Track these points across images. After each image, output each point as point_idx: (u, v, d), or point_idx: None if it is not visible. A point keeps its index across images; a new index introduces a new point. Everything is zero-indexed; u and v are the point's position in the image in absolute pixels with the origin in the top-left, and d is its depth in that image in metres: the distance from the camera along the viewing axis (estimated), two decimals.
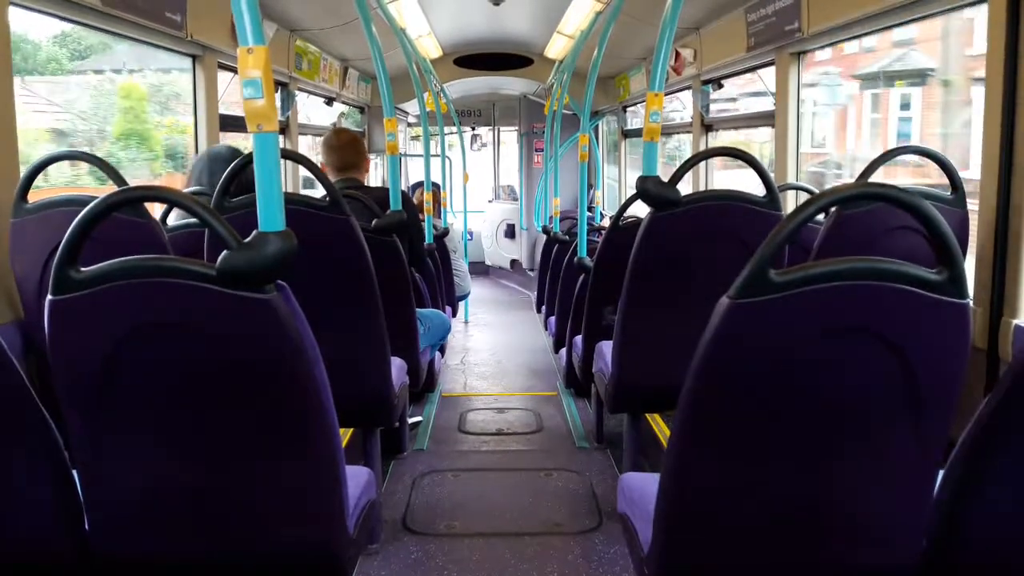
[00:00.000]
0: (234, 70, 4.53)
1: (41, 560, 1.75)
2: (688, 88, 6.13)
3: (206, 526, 1.80)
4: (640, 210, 3.21)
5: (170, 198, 1.76)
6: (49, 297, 1.57)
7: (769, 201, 2.70)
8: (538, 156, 10.64)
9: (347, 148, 3.81)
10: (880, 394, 1.52)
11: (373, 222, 3.16)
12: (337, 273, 2.64)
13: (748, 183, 3.69)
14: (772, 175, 2.88)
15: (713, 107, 5.93)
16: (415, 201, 5.22)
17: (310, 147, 7.09)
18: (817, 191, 2.99)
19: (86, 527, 1.76)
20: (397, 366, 3.19)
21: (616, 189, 9.39)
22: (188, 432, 1.70)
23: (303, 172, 5.95)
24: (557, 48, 7.77)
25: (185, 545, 1.82)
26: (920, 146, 3.05)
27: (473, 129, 11.76)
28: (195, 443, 1.72)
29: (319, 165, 3.17)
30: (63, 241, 1.57)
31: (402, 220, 3.25)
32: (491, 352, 6.91)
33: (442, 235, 6.15)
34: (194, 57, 4.23)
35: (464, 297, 7.08)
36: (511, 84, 9.57)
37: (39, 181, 2.58)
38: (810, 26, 3.91)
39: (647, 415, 4.44)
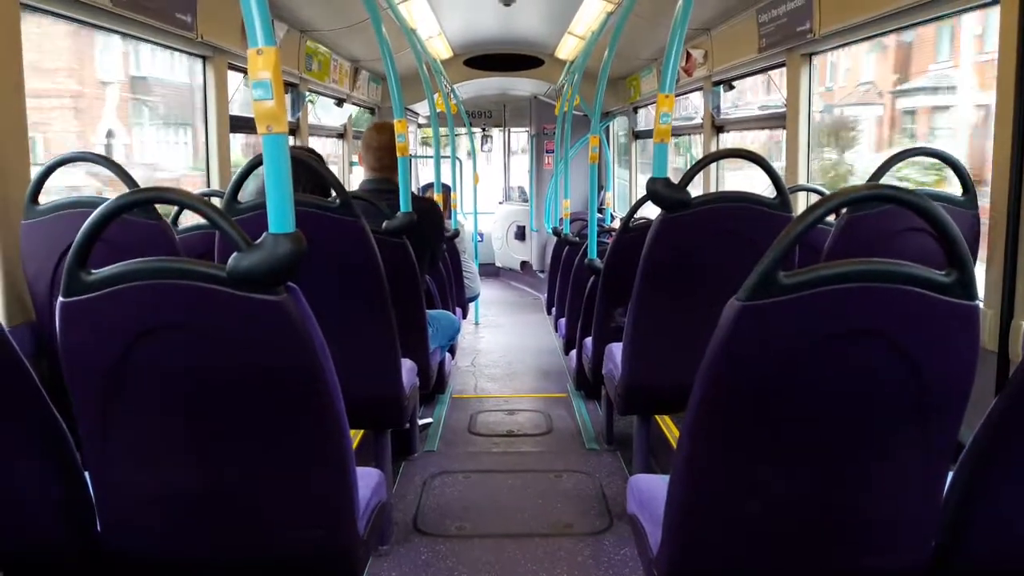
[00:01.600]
0: (244, 71, 4.54)
1: (53, 560, 1.75)
2: (699, 89, 6.13)
3: (217, 527, 1.80)
4: (650, 212, 3.20)
5: (181, 200, 1.76)
6: (60, 299, 1.57)
7: (779, 203, 2.69)
8: (548, 157, 10.64)
9: (384, 150, 3.74)
10: (889, 396, 1.51)
11: (384, 224, 3.16)
12: (347, 275, 2.64)
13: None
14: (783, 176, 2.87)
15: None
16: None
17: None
18: (828, 192, 2.98)
19: (98, 528, 1.76)
20: (407, 367, 3.19)
21: (627, 190, 9.38)
22: (199, 433, 1.71)
23: None
24: (568, 49, 7.76)
25: (195, 545, 1.82)
26: (931, 148, 3.04)
27: (484, 130, 11.77)
28: (205, 444, 1.72)
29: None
30: (74, 243, 1.57)
31: (413, 221, 3.25)
32: (501, 354, 6.90)
33: (452, 236, 6.14)
34: (204, 58, 4.24)
35: (474, 298, 7.07)
36: (522, 85, 9.57)
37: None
38: (822, 27, 3.90)
39: (657, 417, 4.43)
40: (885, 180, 2.85)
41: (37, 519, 1.71)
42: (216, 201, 3.06)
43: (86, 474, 1.73)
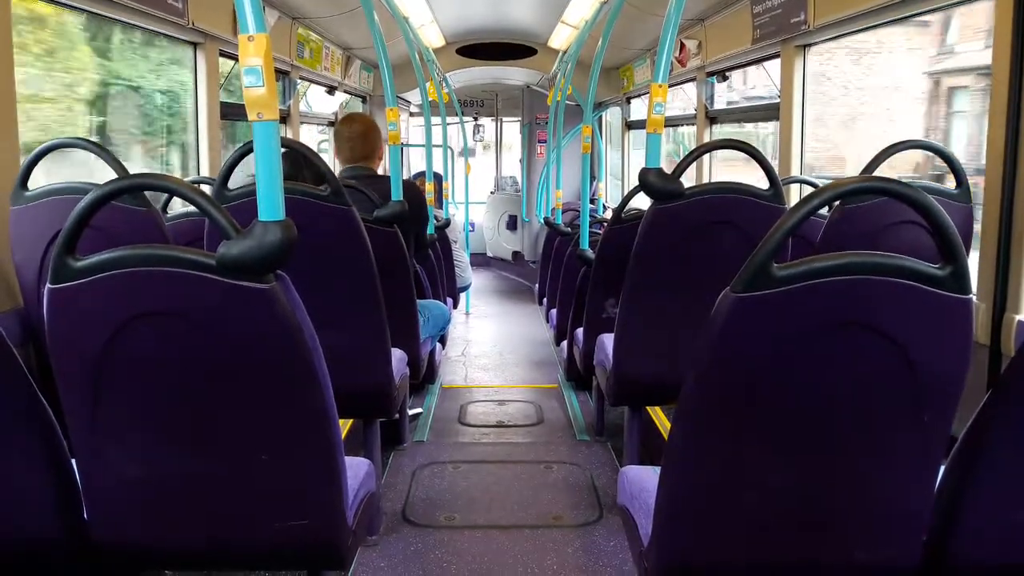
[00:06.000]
0: (235, 58, 4.51)
1: (40, 549, 1.74)
2: (692, 80, 6.11)
3: (204, 515, 1.80)
4: (643, 202, 3.19)
5: (170, 187, 1.75)
6: (48, 285, 1.56)
7: (772, 194, 2.68)
8: (541, 147, 10.61)
9: (357, 140, 3.67)
10: (882, 389, 1.51)
11: (375, 212, 3.14)
12: (338, 263, 2.63)
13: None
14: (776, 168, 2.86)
15: None
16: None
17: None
18: (821, 184, 2.97)
19: (84, 516, 1.75)
20: (397, 357, 3.18)
21: (619, 181, 9.38)
22: (186, 421, 1.70)
23: None
24: (561, 38, 7.74)
25: (183, 534, 1.81)
26: (925, 140, 3.04)
27: (476, 119, 11.73)
28: (193, 432, 1.72)
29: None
30: (62, 229, 1.56)
31: (404, 210, 3.23)
32: (492, 344, 6.90)
33: (444, 226, 6.13)
34: (195, 44, 4.21)
35: (465, 288, 7.06)
36: (514, 74, 9.54)
37: None
38: (816, 18, 3.89)
39: (648, 408, 4.43)
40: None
41: (23, 507, 1.70)
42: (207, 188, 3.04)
43: (73, 462, 1.72)
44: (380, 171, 3.81)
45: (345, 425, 4.07)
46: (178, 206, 3.46)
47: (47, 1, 3.01)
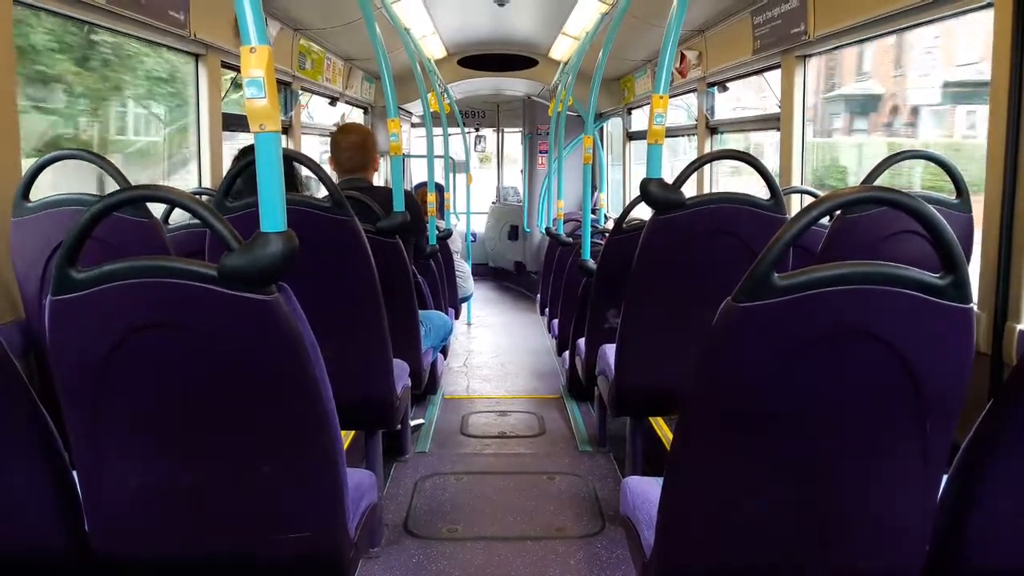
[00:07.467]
0: (237, 69, 4.52)
1: (41, 560, 1.74)
2: (693, 91, 6.13)
3: (206, 527, 1.79)
4: (644, 213, 3.20)
5: (171, 198, 1.75)
6: (49, 297, 1.56)
7: (773, 204, 2.69)
8: (542, 158, 10.62)
9: (354, 150, 3.72)
10: (883, 399, 1.51)
11: (377, 223, 3.15)
12: (339, 274, 2.63)
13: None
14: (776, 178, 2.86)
15: None
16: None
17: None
18: (821, 194, 2.97)
19: (86, 527, 1.75)
20: (399, 368, 3.18)
21: (620, 191, 9.38)
22: (188, 433, 1.70)
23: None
24: (562, 49, 7.76)
25: (185, 546, 1.81)
26: (924, 151, 3.04)
27: (477, 130, 11.75)
28: (195, 444, 1.71)
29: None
30: (64, 241, 1.56)
31: (406, 221, 3.24)
32: (494, 354, 6.89)
33: (445, 236, 6.13)
34: (197, 56, 4.22)
35: (467, 298, 7.06)
36: (515, 85, 9.55)
37: None
38: (816, 30, 3.90)
39: (650, 418, 4.43)
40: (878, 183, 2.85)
41: (24, 518, 1.70)
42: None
43: (74, 473, 1.71)
44: (375, 182, 3.83)
45: (347, 436, 4.06)
46: (179, 217, 3.46)
47: (51, 14, 3.01)
